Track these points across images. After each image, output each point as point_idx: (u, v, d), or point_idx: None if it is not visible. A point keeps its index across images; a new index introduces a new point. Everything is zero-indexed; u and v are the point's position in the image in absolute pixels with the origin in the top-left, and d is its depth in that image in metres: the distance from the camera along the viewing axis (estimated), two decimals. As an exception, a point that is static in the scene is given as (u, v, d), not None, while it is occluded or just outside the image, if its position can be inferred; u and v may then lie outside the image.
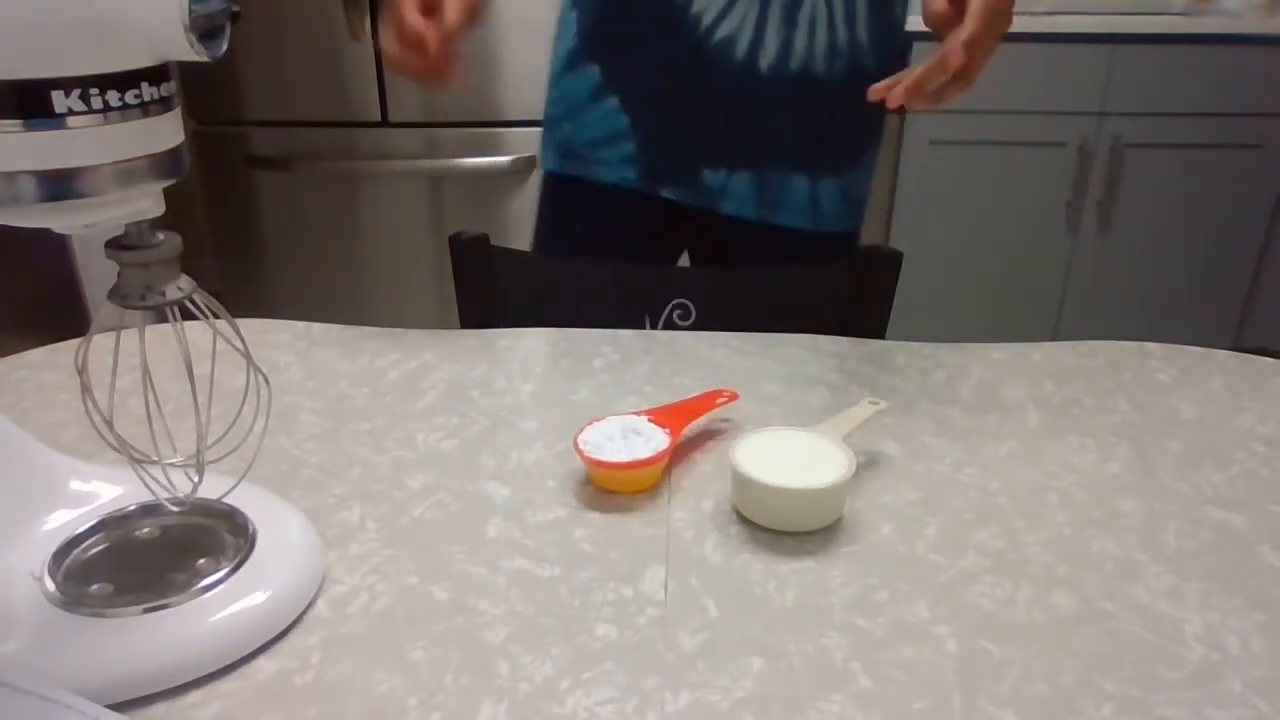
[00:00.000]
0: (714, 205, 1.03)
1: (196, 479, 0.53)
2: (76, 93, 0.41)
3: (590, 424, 0.67)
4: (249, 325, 0.89)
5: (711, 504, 0.64)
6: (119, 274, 0.48)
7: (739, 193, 1.02)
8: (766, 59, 0.96)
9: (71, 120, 0.41)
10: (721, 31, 0.94)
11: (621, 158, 1.02)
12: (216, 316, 0.51)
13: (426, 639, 0.52)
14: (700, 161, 1.01)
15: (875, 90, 0.76)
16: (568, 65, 1.03)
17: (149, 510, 0.58)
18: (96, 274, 2.22)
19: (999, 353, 0.86)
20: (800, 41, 0.95)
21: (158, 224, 0.48)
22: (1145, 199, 2.43)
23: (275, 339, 0.87)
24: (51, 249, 2.21)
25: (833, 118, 1.01)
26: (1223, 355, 0.85)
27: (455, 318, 1.04)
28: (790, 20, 0.94)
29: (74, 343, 0.86)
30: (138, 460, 0.52)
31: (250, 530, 0.56)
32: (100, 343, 0.53)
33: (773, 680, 0.50)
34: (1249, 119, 2.35)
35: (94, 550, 0.56)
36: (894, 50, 1.01)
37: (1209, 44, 2.28)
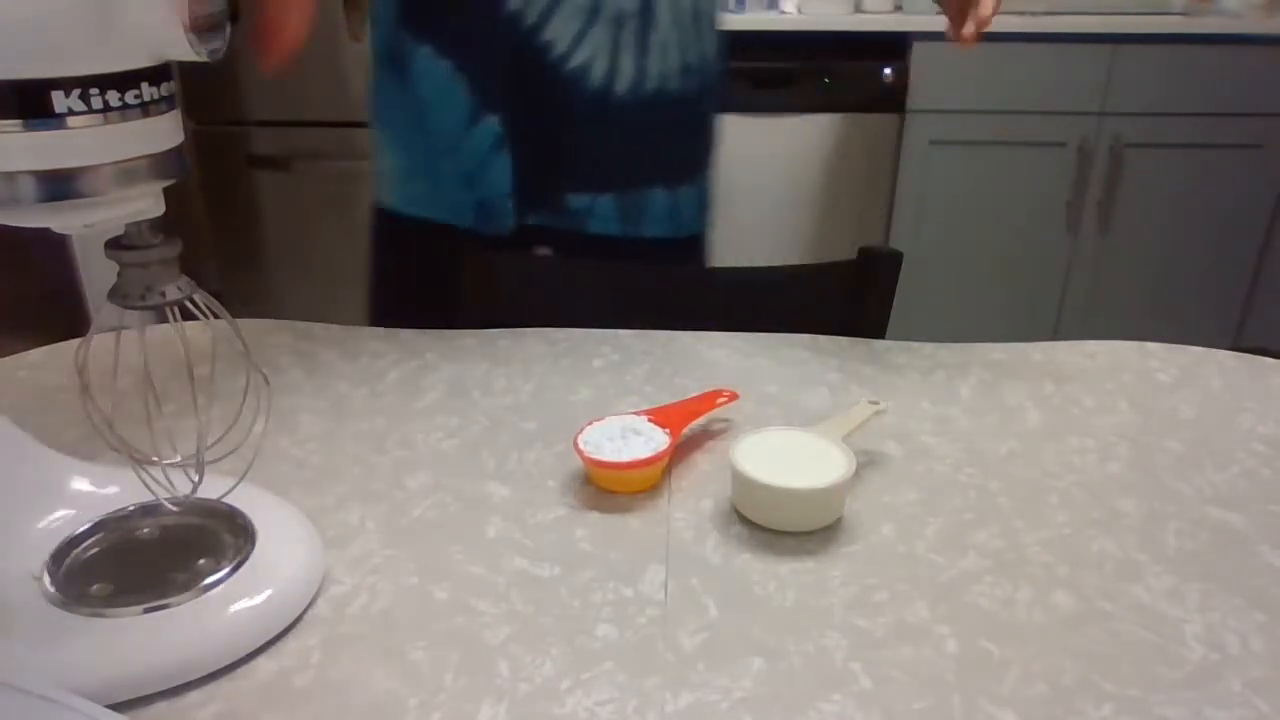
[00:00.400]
0: (580, 227, 1.03)
1: (196, 479, 0.53)
2: (76, 93, 0.41)
3: (590, 424, 0.67)
4: (249, 325, 0.89)
5: (711, 504, 0.64)
6: (119, 274, 0.48)
7: (604, 213, 1.03)
8: (623, 84, 0.96)
9: (71, 120, 0.41)
10: (574, 60, 0.94)
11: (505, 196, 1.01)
12: (216, 317, 0.51)
13: (426, 639, 0.52)
14: (565, 188, 1.01)
15: (957, 36, 0.89)
16: (470, 122, 0.98)
17: (149, 510, 0.58)
18: (96, 274, 2.22)
19: (999, 353, 0.86)
20: (654, 65, 0.97)
21: (158, 224, 0.48)
22: (1145, 199, 2.43)
23: (275, 339, 0.87)
24: (51, 249, 2.21)
25: (687, 131, 1.04)
26: (1223, 355, 0.85)
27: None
28: (643, 47, 0.95)
29: (74, 343, 0.86)
30: (138, 460, 0.52)
31: (250, 530, 0.56)
32: (100, 343, 0.53)
33: (773, 680, 0.50)
34: (1249, 119, 2.35)
35: (94, 550, 0.56)
36: (724, 55, 1.04)
37: (1209, 44, 2.28)
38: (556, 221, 1.03)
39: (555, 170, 1.00)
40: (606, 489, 0.66)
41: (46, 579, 0.52)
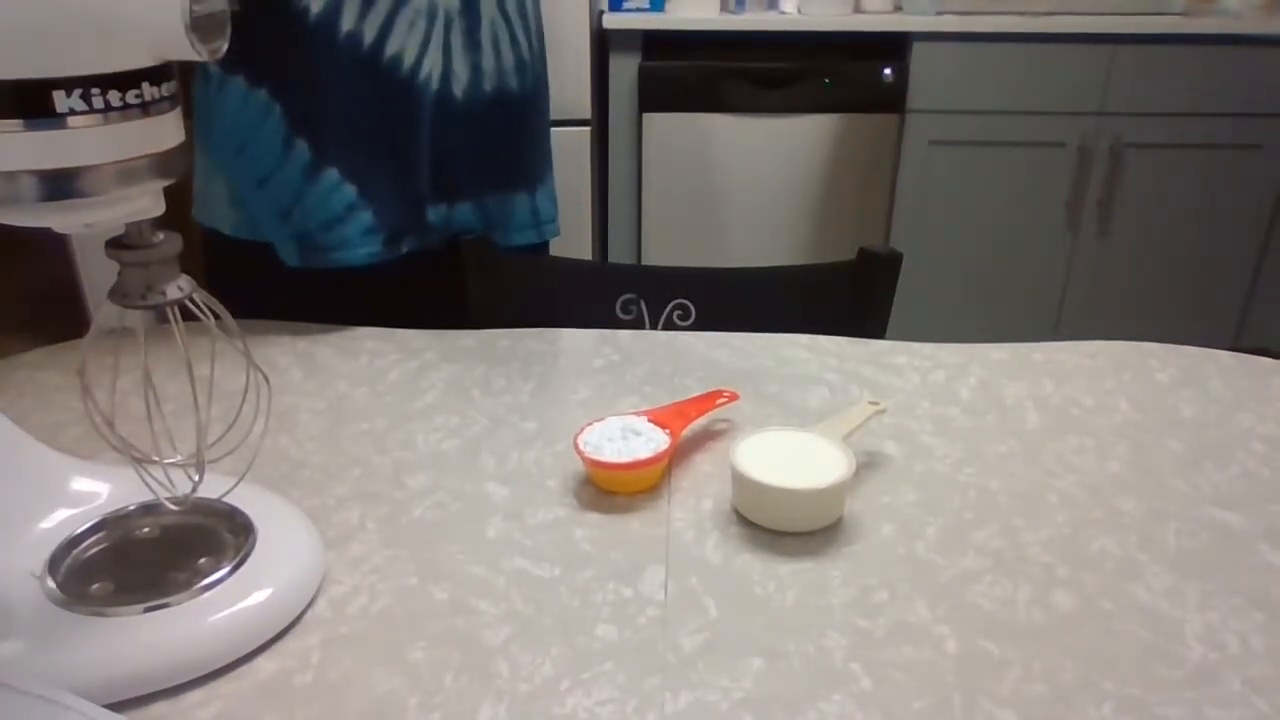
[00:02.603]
0: (445, 236, 1.01)
1: (197, 479, 0.53)
2: (78, 92, 0.41)
3: (590, 424, 0.67)
4: (249, 325, 0.89)
5: (711, 504, 0.64)
6: (119, 274, 0.48)
7: (464, 223, 1.02)
8: (459, 86, 0.95)
9: (72, 120, 0.41)
10: (422, 70, 0.92)
11: (361, 230, 0.94)
12: (217, 316, 0.51)
13: (426, 639, 0.52)
14: (422, 202, 0.98)
15: None
16: (284, 149, 0.91)
17: (149, 510, 0.58)
18: (96, 274, 2.22)
19: (999, 353, 0.86)
20: (488, 62, 0.96)
21: (158, 223, 0.48)
22: (1145, 199, 2.43)
23: (275, 339, 0.87)
24: (51, 249, 2.21)
25: (530, 129, 1.03)
26: (1222, 355, 0.85)
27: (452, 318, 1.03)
28: (474, 44, 0.94)
29: (74, 343, 0.86)
30: (138, 460, 0.52)
31: (250, 530, 0.56)
32: (101, 343, 0.53)
33: (773, 680, 0.50)
34: (1249, 119, 2.35)
35: (94, 549, 0.56)
36: (544, 46, 1.04)
37: (1209, 44, 2.28)
38: (421, 240, 0.99)
39: (410, 189, 0.97)
40: (606, 489, 0.66)
41: (47, 578, 0.52)
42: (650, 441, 0.66)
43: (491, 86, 0.97)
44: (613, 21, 2.30)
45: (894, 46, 2.32)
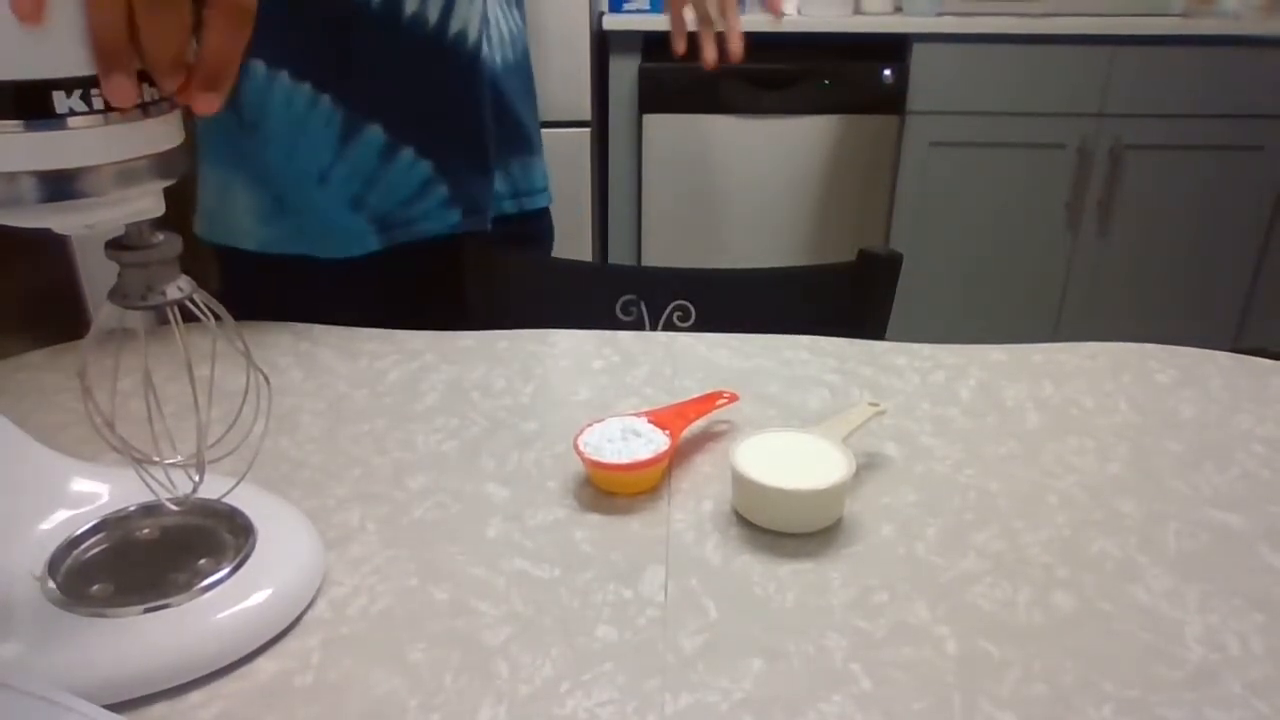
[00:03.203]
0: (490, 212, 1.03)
1: (197, 479, 0.53)
2: (77, 93, 0.41)
3: (590, 425, 0.67)
4: (249, 326, 0.89)
5: (711, 505, 0.64)
6: (119, 274, 0.48)
7: (498, 194, 1.04)
8: (498, 52, 0.99)
9: (72, 120, 0.41)
10: (484, 45, 0.95)
11: (439, 203, 0.98)
12: (217, 317, 0.51)
13: (426, 640, 0.52)
14: (492, 173, 1.00)
15: (682, 51, 0.89)
16: (342, 140, 0.93)
17: (149, 510, 0.58)
18: (96, 274, 2.22)
19: (999, 353, 0.86)
20: (494, 32, 0.98)
21: (158, 224, 0.48)
22: (1145, 200, 2.43)
23: (275, 339, 0.87)
24: (51, 249, 2.21)
25: (531, 95, 1.07)
26: (1222, 356, 0.85)
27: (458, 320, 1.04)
28: (500, 10, 0.98)
29: (74, 344, 0.86)
30: (138, 460, 0.52)
31: (251, 531, 0.56)
32: (101, 344, 0.53)
33: (773, 681, 0.50)
34: (1249, 120, 2.35)
35: (94, 550, 0.56)
36: (524, 17, 1.07)
37: (1208, 45, 2.28)
38: (476, 220, 1.01)
39: (485, 163, 0.99)
40: (606, 490, 0.66)
41: (47, 579, 0.52)
42: (650, 442, 0.66)
43: (500, 56, 1.00)
44: (613, 23, 2.30)
45: (894, 47, 2.32)
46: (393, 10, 0.89)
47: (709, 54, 0.91)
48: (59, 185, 0.42)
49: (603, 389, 0.79)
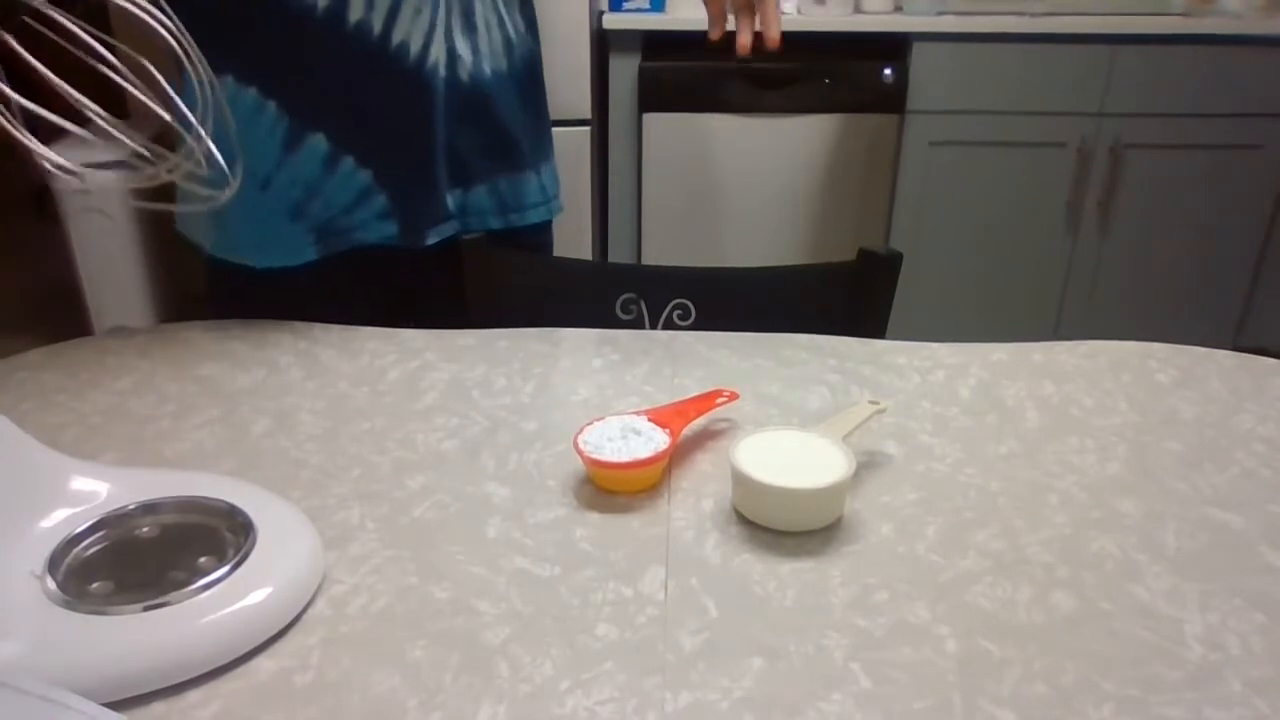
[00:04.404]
0: (460, 228, 1.02)
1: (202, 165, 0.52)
2: None
3: (590, 424, 0.67)
4: (249, 325, 0.89)
5: (711, 504, 0.64)
6: None
7: (480, 208, 1.03)
8: (464, 69, 0.96)
9: None
10: (430, 57, 0.93)
11: (376, 214, 0.96)
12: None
13: (426, 639, 0.52)
14: (441, 190, 0.99)
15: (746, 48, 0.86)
16: (286, 147, 0.92)
17: (149, 509, 0.58)
18: (97, 274, 2.22)
19: (999, 353, 0.86)
20: (484, 44, 0.97)
21: None
22: (1145, 199, 2.43)
23: (275, 339, 0.87)
24: (51, 249, 2.21)
25: (531, 107, 1.05)
26: (1223, 355, 0.85)
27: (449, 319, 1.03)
28: (471, 26, 0.95)
29: (74, 343, 0.86)
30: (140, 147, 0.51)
31: (250, 529, 0.56)
32: (101, 344, 0.53)
33: (773, 680, 0.50)
34: (1249, 119, 2.35)
35: (94, 549, 0.56)
36: (534, 23, 1.05)
37: (1209, 44, 2.28)
38: (442, 232, 1.00)
39: (430, 177, 0.97)
40: (606, 489, 0.66)
41: (47, 577, 0.52)
42: (650, 441, 0.66)
43: (491, 68, 0.98)
44: (613, 22, 2.30)
45: (894, 47, 2.32)
46: (338, 17, 0.88)
47: (744, 40, 0.91)
48: None
49: (603, 388, 0.79)
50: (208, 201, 0.53)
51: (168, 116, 0.56)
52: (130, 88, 0.53)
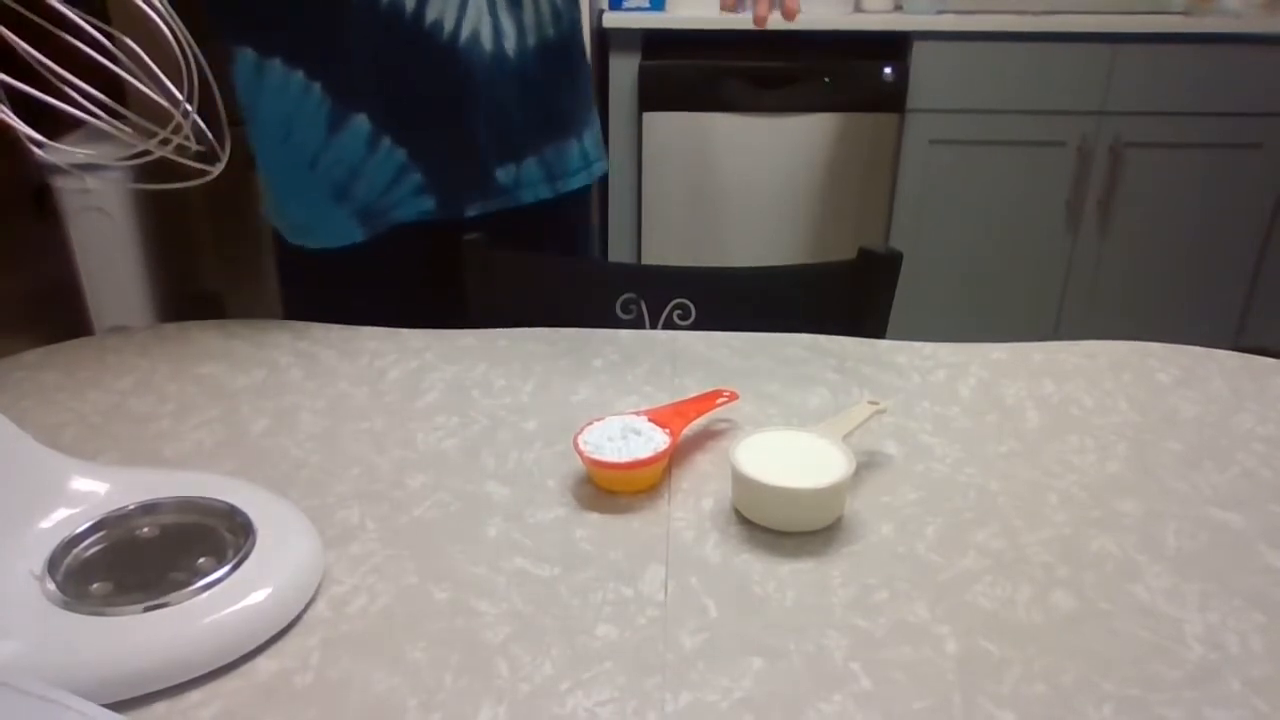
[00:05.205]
0: (513, 201, 1.03)
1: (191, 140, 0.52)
2: None
3: (590, 424, 0.67)
4: (249, 326, 0.89)
5: (711, 504, 0.64)
6: None
7: (532, 180, 1.04)
8: (509, 43, 0.97)
9: None
10: (464, 32, 0.94)
11: (412, 190, 0.99)
12: None
13: (426, 639, 0.52)
14: (490, 166, 1.00)
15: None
16: (330, 127, 0.94)
17: (148, 509, 0.58)
18: (96, 274, 2.22)
19: (999, 353, 0.86)
20: (529, 17, 0.98)
21: None
22: (1145, 199, 2.43)
23: (275, 339, 0.87)
24: (51, 249, 2.21)
25: (574, 74, 1.05)
26: (1223, 355, 0.85)
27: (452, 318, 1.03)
28: (516, 1, 0.96)
29: (74, 343, 0.86)
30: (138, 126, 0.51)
31: (250, 529, 0.56)
32: (101, 344, 0.53)
33: (773, 680, 0.50)
34: (1249, 119, 2.35)
35: (94, 549, 0.56)
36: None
37: (1209, 44, 2.28)
38: (489, 205, 1.02)
39: (471, 151, 0.99)
40: (606, 489, 0.66)
41: (47, 578, 0.52)
42: (650, 441, 0.66)
43: (535, 40, 0.99)
44: (613, 21, 2.30)
45: (894, 46, 2.32)
46: None
47: (761, 11, 0.92)
48: None
49: (603, 387, 0.79)
50: (201, 176, 0.54)
51: (154, 94, 0.56)
52: (120, 70, 0.53)
